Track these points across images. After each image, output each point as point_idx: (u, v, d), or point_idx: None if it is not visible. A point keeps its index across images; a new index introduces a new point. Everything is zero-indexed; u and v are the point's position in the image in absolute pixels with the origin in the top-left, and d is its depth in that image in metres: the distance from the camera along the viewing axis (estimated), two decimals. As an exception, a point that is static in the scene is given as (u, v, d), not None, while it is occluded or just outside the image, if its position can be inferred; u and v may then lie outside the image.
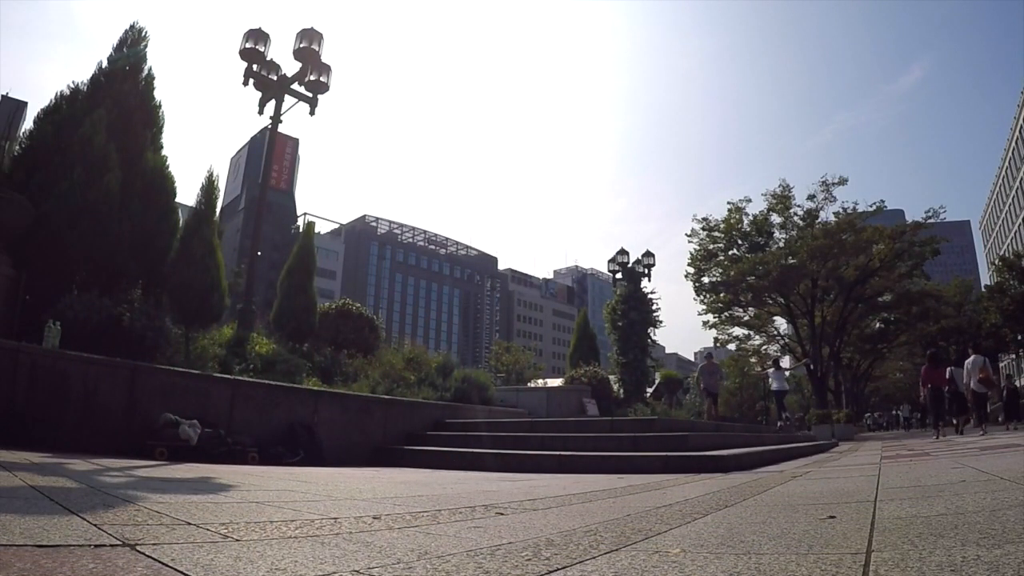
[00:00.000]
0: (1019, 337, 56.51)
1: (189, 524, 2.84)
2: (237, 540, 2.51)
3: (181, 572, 1.87)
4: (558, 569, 2.10)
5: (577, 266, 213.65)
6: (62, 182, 10.65)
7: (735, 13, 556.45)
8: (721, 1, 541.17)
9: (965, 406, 20.12)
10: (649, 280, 32.10)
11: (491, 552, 2.41)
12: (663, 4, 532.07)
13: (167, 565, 1.94)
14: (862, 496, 4.11)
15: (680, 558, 2.25)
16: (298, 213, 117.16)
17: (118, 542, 2.26)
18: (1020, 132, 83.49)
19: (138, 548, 2.18)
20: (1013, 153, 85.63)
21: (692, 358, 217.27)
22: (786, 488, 5.17)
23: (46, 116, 11.55)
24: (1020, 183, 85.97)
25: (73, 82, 12.08)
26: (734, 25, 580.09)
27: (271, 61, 15.72)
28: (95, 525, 2.59)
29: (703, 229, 49.41)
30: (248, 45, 15.35)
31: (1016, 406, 26.31)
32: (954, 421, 20.55)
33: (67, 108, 11.60)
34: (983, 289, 67.10)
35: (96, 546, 2.17)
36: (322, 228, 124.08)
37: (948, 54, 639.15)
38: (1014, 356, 70.34)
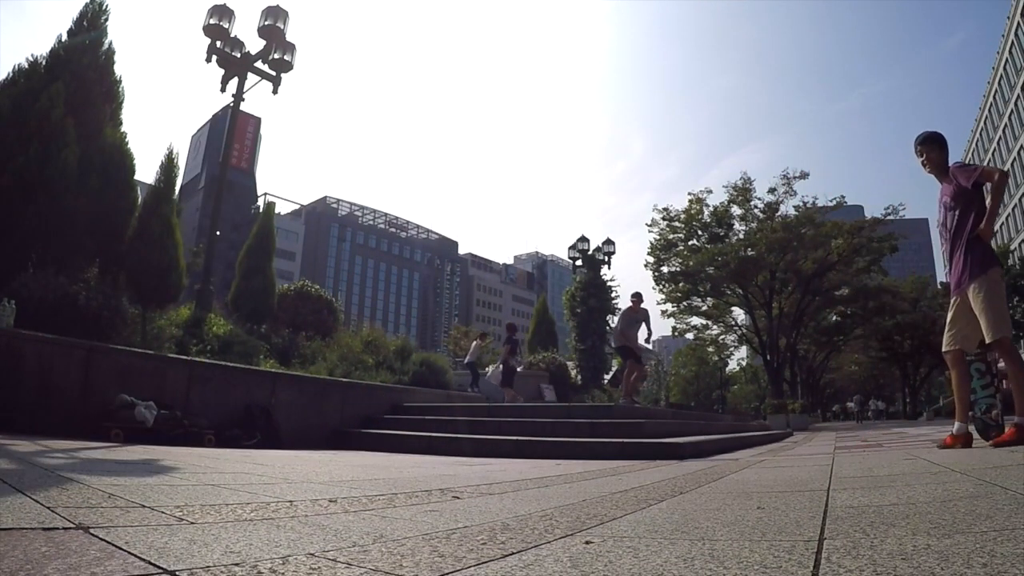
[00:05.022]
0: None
1: (143, 507, 2.82)
2: (192, 523, 2.50)
3: (135, 555, 1.86)
4: (513, 553, 2.11)
5: (537, 252, 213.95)
6: (18, 157, 10.48)
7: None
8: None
9: None
10: (609, 268, 32.34)
11: (447, 536, 2.42)
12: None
13: (121, 548, 1.93)
14: (815, 485, 4.16)
15: (635, 543, 2.27)
16: (259, 193, 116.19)
17: (71, 525, 2.24)
18: (980, 135, 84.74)
19: (92, 531, 2.16)
20: (972, 155, 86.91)
21: (650, 346, 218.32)
22: (741, 476, 5.23)
23: (3, 90, 11.38)
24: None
25: (32, 55, 11.90)
26: (726, 26, 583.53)
27: (235, 38, 15.58)
28: (48, 508, 2.57)
29: (663, 219, 49.59)
30: (212, 21, 15.21)
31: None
32: None
33: (25, 82, 11.44)
34: (939, 286, 68.04)
35: (49, 529, 2.15)
36: (282, 209, 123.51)
37: (911, 64, 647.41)
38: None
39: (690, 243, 49.66)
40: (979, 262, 6.03)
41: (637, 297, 15.38)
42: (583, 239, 32.08)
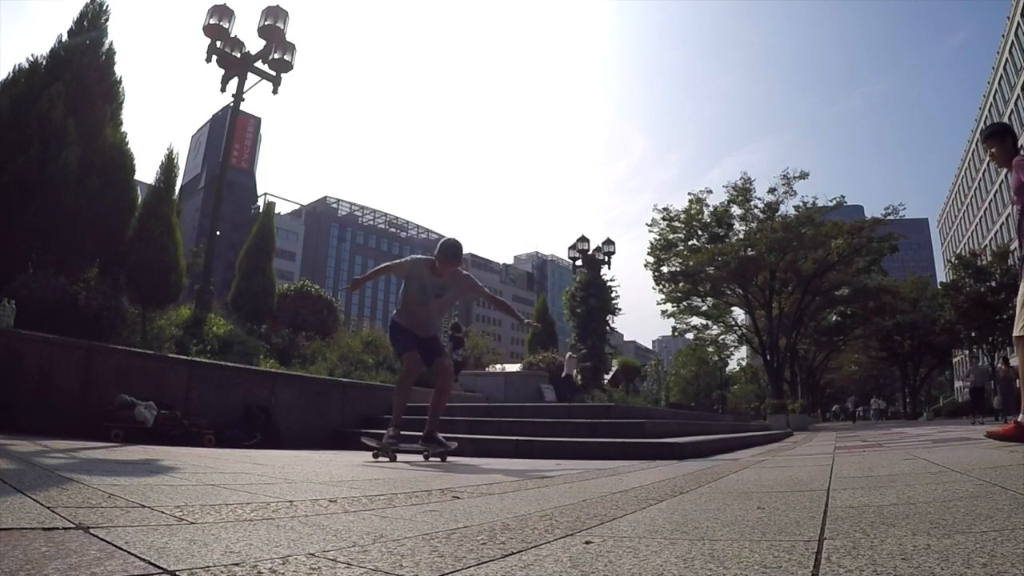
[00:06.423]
0: (972, 334, 57.54)
1: (143, 507, 2.82)
2: (192, 523, 2.50)
3: (135, 555, 1.86)
4: (513, 553, 2.11)
5: (538, 252, 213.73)
6: (18, 157, 10.48)
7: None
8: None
9: None
10: (609, 268, 32.39)
11: (447, 536, 2.42)
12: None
13: (121, 548, 1.93)
14: (816, 485, 4.16)
15: (635, 543, 2.27)
16: (259, 193, 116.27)
17: (71, 525, 2.24)
18: (980, 134, 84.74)
19: (92, 531, 2.16)
20: (972, 154, 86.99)
21: (651, 346, 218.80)
22: (741, 476, 5.23)
23: (3, 90, 11.36)
24: (977, 183, 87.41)
25: (32, 55, 11.89)
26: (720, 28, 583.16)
27: (235, 38, 15.57)
28: (48, 507, 2.56)
29: (663, 219, 49.71)
30: (212, 21, 15.20)
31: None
32: None
33: (25, 82, 11.42)
34: (939, 286, 68.11)
35: (49, 529, 2.15)
36: (282, 209, 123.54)
37: (912, 64, 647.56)
38: (967, 352, 71.56)
39: (690, 243, 49.77)
40: None
41: (450, 253, 7.65)
42: (583, 239, 32.02)
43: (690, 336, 63.57)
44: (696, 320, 56.94)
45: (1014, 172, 6.25)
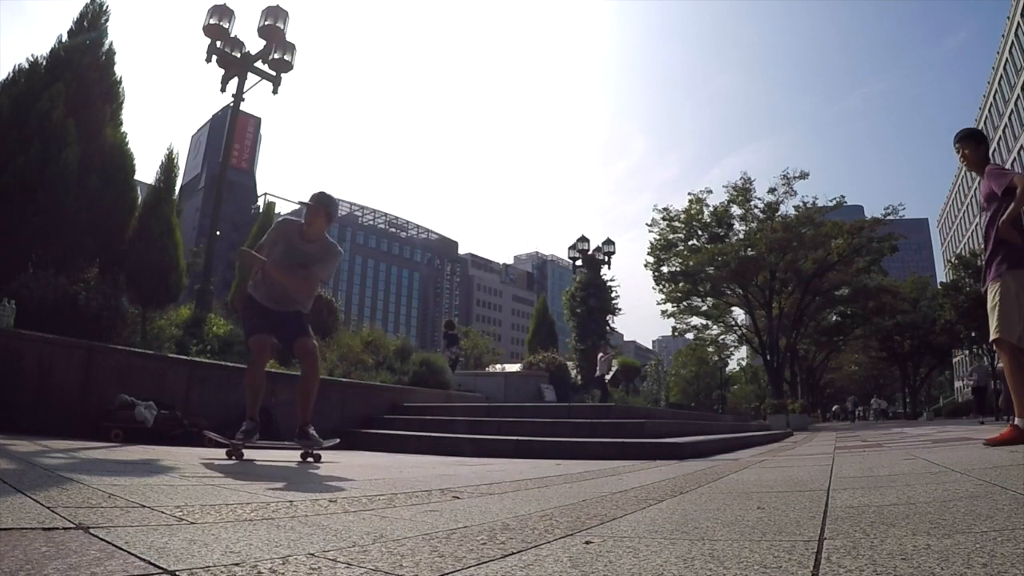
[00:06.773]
0: (972, 334, 57.54)
1: (143, 507, 2.82)
2: (192, 523, 2.50)
3: (135, 555, 1.86)
4: (513, 553, 2.11)
5: (538, 252, 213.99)
6: (18, 157, 10.46)
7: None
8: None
9: None
10: (609, 268, 32.32)
11: (447, 536, 2.42)
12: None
13: (121, 548, 1.93)
14: (815, 485, 4.16)
15: (635, 543, 2.27)
16: (259, 193, 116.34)
17: (71, 525, 2.24)
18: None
19: (92, 531, 2.16)
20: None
21: (651, 346, 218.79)
22: (741, 476, 5.23)
23: (3, 90, 11.34)
24: (977, 183, 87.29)
25: (32, 55, 11.87)
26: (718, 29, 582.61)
27: (235, 38, 15.52)
28: (48, 507, 2.56)
29: (663, 219, 49.68)
30: (212, 21, 15.15)
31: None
32: None
33: (25, 82, 11.40)
34: (939, 286, 68.09)
35: (49, 529, 2.15)
36: (282, 208, 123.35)
37: (912, 64, 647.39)
38: (967, 352, 71.52)
39: (690, 243, 49.76)
40: (998, 265, 6.18)
41: (319, 200, 7.01)
42: (583, 239, 31.95)
43: (690, 336, 63.57)
44: (696, 320, 57.00)
45: (986, 180, 6.37)
